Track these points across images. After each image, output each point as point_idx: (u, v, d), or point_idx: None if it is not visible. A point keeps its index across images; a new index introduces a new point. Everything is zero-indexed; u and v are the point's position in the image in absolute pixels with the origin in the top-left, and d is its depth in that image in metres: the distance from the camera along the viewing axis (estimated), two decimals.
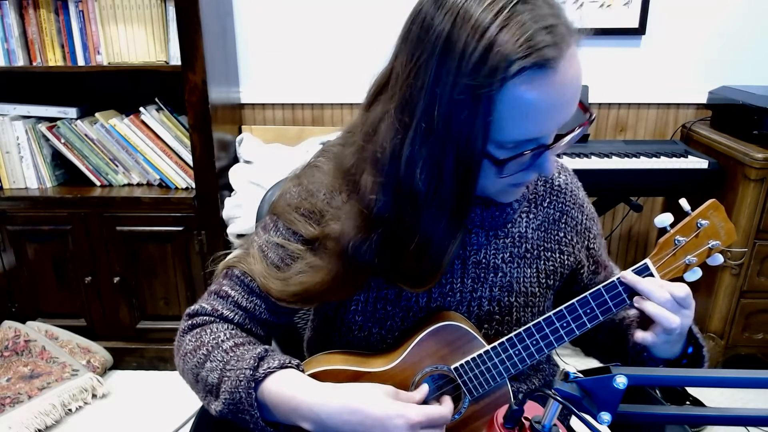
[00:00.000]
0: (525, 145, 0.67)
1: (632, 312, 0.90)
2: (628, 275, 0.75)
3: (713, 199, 0.76)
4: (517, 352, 0.78)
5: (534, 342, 0.77)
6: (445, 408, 0.75)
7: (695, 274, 0.77)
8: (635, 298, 0.74)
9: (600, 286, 0.76)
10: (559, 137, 0.70)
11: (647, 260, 0.76)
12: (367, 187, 0.73)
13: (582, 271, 0.91)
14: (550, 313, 0.76)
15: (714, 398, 1.94)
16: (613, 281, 0.75)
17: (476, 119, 0.63)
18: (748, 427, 1.45)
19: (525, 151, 0.67)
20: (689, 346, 0.81)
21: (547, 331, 0.77)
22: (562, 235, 0.89)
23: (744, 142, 1.91)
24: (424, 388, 0.77)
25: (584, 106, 0.72)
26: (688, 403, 1.89)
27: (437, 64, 0.63)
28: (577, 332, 0.77)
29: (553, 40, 0.61)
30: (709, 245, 0.76)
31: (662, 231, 0.76)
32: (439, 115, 0.64)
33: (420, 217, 0.71)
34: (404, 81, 0.67)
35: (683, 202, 0.76)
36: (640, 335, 0.75)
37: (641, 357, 0.83)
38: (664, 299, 0.72)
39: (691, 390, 1.94)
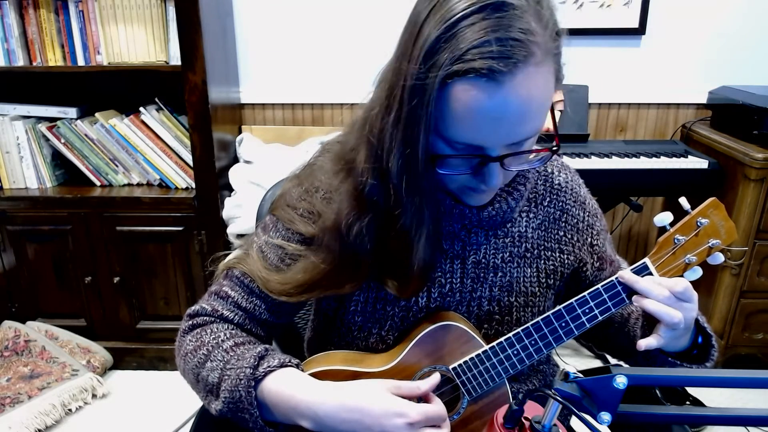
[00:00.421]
0: (468, 149, 0.67)
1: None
2: (626, 274, 0.74)
3: (713, 198, 0.75)
4: (515, 352, 0.77)
5: (533, 342, 0.77)
6: (441, 406, 0.74)
7: (695, 273, 0.76)
8: (634, 297, 0.74)
9: (599, 285, 0.75)
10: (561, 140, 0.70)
11: (646, 259, 0.76)
12: (359, 168, 0.74)
13: (585, 269, 0.91)
14: (549, 313, 0.76)
15: (714, 398, 1.94)
16: (612, 281, 0.75)
17: (420, 110, 0.63)
18: (748, 427, 1.45)
19: (465, 155, 0.67)
20: (699, 336, 0.81)
21: (546, 331, 0.76)
22: (562, 234, 0.89)
23: (744, 142, 1.91)
24: (434, 378, 0.76)
25: (555, 130, 0.71)
26: (688, 403, 1.89)
27: (411, 50, 0.64)
28: (576, 332, 0.77)
29: (509, 53, 0.59)
30: (709, 244, 0.75)
31: (662, 230, 0.76)
32: (403, 100, 0.65)
33: (399, 205, 0.72)
34: (390, 69, 0.68)
35: (683, 201, 0.75)
36: (644, 342, 0.74)
37: (652, 352, 0.83)
38: (662, 296, 0.72)
39: (691, 390, 1.94)
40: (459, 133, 0.65)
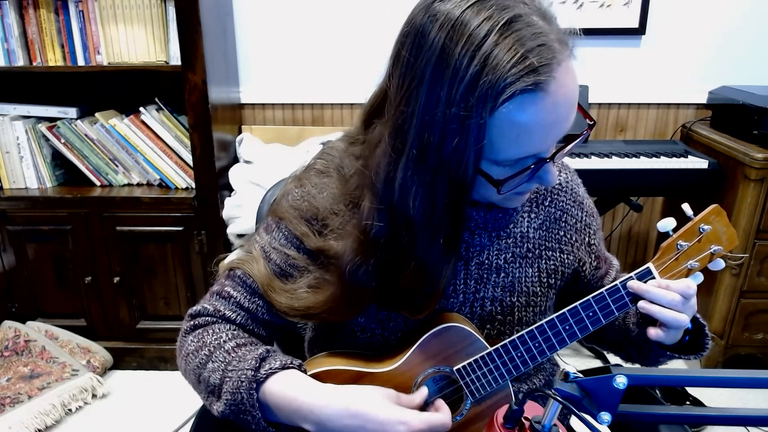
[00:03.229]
0: (523, 162, 0.67)
1: None
2: (635, 284, 0.74)
3: (715, 205, 0.76)
4: (519, 355, 0.77)
5: (536, 344, 0.77)
6: (445, 415, 0.74)
7: (697, 279, 0.77)
8: (640, 303, 0.74)
9: (603, 290, 0.75)
10: (566, 140, 0.71)
11: (650, 264, 0.76)
12: (364, 212, 0.73)
13: (584, 268, 0.91)
14: (553, 315, 0.76)
15: (714, 398, 1.94)
16: (617, 285, 0.75)
17: (467, 146, 0.63)
18: (748, 427, 1.45)
19: (522, 168, 0.67)
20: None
21: (550, 333, 0.77)
22: (562, 234, 0.89)
23: (744, 142, 1.91)
24: (423, 391, 0.77)
25: (585, 112, 0.72)
26: (688, 403, 1.89)
27: (428, 88, 0.63)
28: (580, 335, 0.77)
29: (544, 60, 0.60)
30: (711, 250, 0.76)
31: (665, 235, 0.76)
32: (430, 141, 0.64)
33: (415, 242, 0.71)
34: (396, 107, 0.67)
35: (686, 207, 0.76)
36: (654, 332, 0.76)
37: (648, 346, 0.84)
38: (674, 302, 0.72)
39: (691, 390, 1.94)
40: (514, 151, 0.65)
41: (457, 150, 0.63)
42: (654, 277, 0.75)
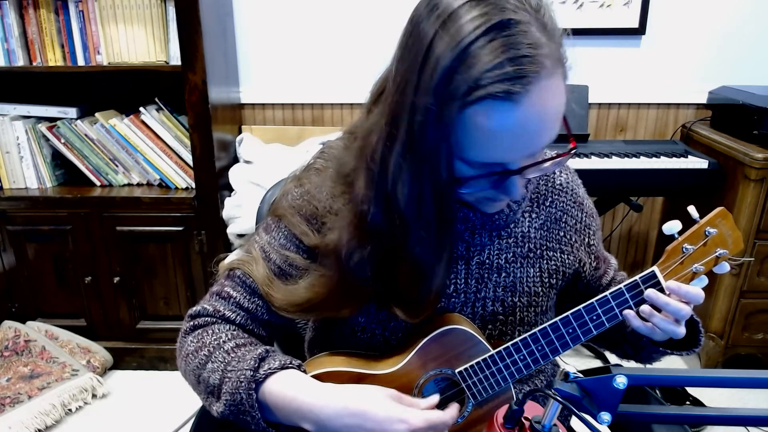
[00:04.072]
0: (489, 167, 0.66)
1: None
2: (653, 294, 0.73)
3: (722, 207, 0.75)
4: (522, 357, 0.77)
5: (539, 347, 0.77)
6: (446, 414, 0.74)
7: (702, 282, 0.76)
8: (642, 308, 0.74)
9: (607, 293, 0.75)
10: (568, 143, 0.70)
11: (655, 268, 0.75)
12: (360, 196, 0.73)
13: (584, 268, 0.91)
14: (556, 318, 0.76)
15: (714, 398, 1.94)
16: (621, 289, 0.75)
17: (441, 138, 0.63)
18: (748, 427, 1.45)
19: (488, 173, 0.67)
20: None
21: (553, 336, 0.76)
22: (562, 234, 0.89)
23: (744, 142, 1.91)
24: (432, 399, 0.76)
25: (570, 135, 0.70)
26: (688, 403, 1.89)
27: (417, 77, 0.63)
28: (583, 339, 0.76)
29: (522, 72, 0.59)
30: (717, 254, 0.75)
31: (670, 238, 0.75)
32: (415, 130, 0.64)
33: (407, 234, 0.71)
34: (393, 93, 0.67)
35: (692, 210, 0.75)
36: (638, 323, 0.76)
37: (641, 342, 0.84)
38: (686, 314, 0.73)
39: (691, 390, 1.94)
40: (479, 154, 0.65)
41: (433, 142, 0.63)
42: (659, 281, 0.74)
